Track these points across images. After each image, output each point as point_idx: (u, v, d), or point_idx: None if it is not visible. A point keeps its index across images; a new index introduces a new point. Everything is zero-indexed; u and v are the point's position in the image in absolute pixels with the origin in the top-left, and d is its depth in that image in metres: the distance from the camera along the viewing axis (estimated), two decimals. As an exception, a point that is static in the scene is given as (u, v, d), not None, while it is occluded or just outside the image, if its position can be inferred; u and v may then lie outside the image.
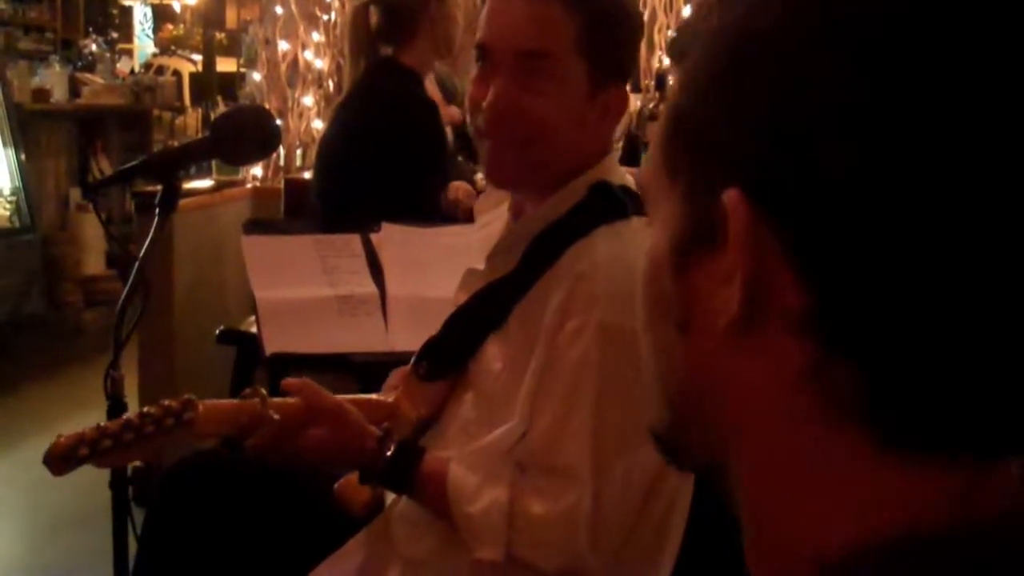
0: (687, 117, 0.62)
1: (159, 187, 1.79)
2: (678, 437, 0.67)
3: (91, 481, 1.77)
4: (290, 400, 1.55)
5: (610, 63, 1.60)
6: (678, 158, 0.62)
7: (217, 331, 3.23)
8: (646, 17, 4.61)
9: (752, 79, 0.57)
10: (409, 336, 1.80)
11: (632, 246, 1.50)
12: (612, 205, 1.57)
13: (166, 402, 1.46)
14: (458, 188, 3.44)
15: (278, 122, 4.67)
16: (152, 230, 1.80)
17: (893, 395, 0.55)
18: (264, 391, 1.53)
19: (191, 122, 8.04)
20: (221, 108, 6.09)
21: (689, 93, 0.62)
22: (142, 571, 1.80)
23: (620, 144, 4.22)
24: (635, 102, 4.59)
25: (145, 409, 1.46)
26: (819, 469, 0.57)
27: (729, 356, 0.59)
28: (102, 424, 1.43)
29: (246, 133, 1.83)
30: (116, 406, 1.76)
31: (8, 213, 5.86)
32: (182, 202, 3.36)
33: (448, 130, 3.60)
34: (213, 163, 4.43)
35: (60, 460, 1.40)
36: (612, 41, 1.59)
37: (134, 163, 1.86)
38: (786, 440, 0.58)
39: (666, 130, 0.64)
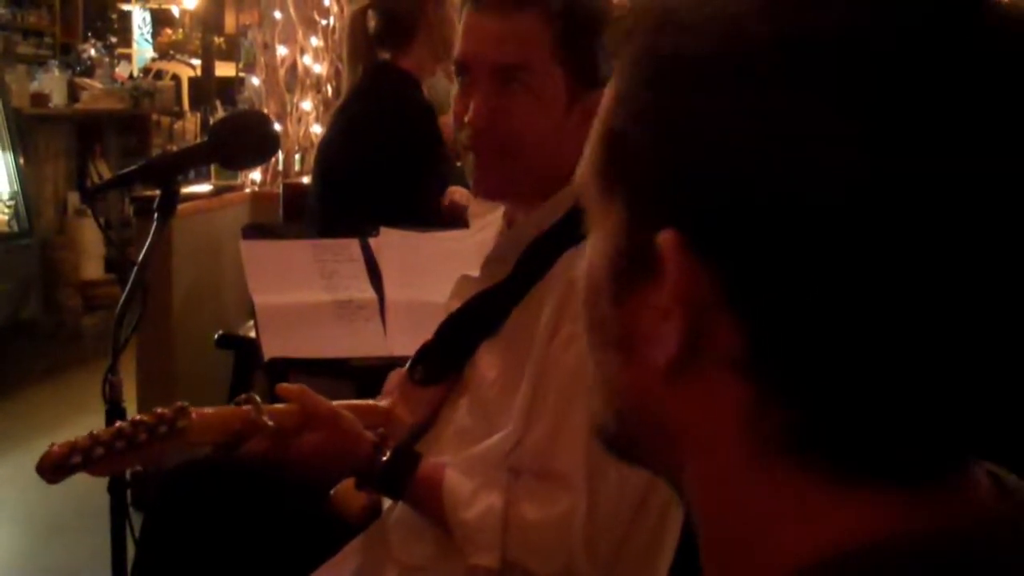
0: (622, 140, 0.61)
1: (158, 192, 1.80)
2: (624, 442, 0.67)
3: (89, 484, 1.76)
4: (285, 406, 1.55)
5: (588, 70, 1.59)
6: (613, 179, 0.62)
7: (216, 336, 3.24)
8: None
9: (688, 114, 0.57)
10: (408, 341, 1.80)
11: None
12: None
13: (159, 410, 1.45)
14: (456, 192, 3.44)
15: (277, 127, 4.69)
16: (151, 234, 1.80)
17: (825, 434, 0.55)
18: (258, 398, 1.53)
19: (190, 127, 8.05)
20: (220, 113, 6.09)
21: (624, 113, 0.61)
22: (140, 574, 1.80)
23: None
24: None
25: (138, 417, 1.46)
26: (763, 505, 0.57)
27: (669, 391, 0.59)
28: (95, 432, 1.43)
29: (245, 138, 1.83)
30: (114, 411, 1.76)
31: (6, 217, 5.86)
32: (181, 207, 3.36)
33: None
34: (212, 168, 4.43)
35: (53, 469, 1.40)
36: (589, 48, 1.59)
37: (132, 168, 1.86)
38: (729, 475, 0.59)
39: (601, 145, 0.63)
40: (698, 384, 0.58)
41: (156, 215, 1.78)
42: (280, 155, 4.66)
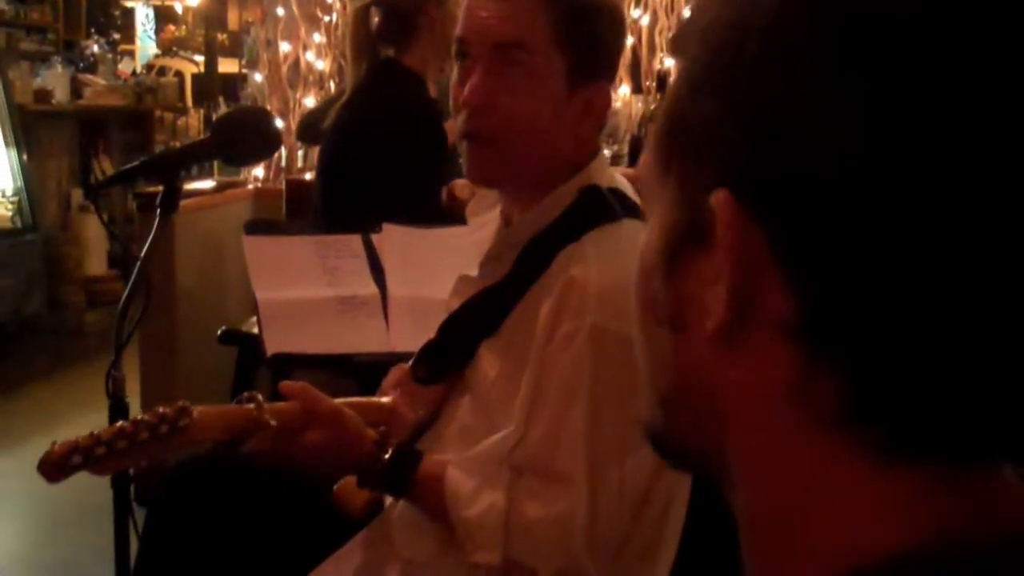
0: (681, 114, 0.61)
1: (160, 188, 1.80)
2: (671, 437, 0.66)
3: (93, 480, 1.76)
4: (287, 404, 1.55)
5: (590, 59, 1.59)
6: (671, 155, 0.62)
7: (219, 332, 3.24)
8: (647, 20, 4.62)
9: (744, 78, 0.56)
10: (410, 337, 1.80)
11: (623, 249, 1.49)
12: (602, 208, 1.57)
13: (161, 409, 1.46)
14: (457, 186, 3.43)
15: (279, 123, 4.70)
16: (153, 230, 1.81)
17: (879, 407, 0.54)
18: (260, 396, 1.53)
19: (193, 123, 8.06)
20: (223, 109, 6.09)
21: (684, 90, 0.61)
22: (143, 569, 1.80)
23: (625, 147, 4.23)
24: (637, 104, 4.60)
25: (139, 416, 1.46)
26: (812, 479, 0.57)
27: (718, 360, 0.59)
28: (96, 432, 1.43)
29: (247, 134, 1.84)
30: (117, 406, 1.77)
31: (10, 213, 5.86)
32: (184, 203, 3.36)
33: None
34: (215, 164, 4.44)
35: (54, 468, 1.41)
36: (591, 36, 1.59)
37: (135, 164, 1.86)
38: (777, 447, 0.58)
39: (662, 126, 0.63)
40: (748, 351, 0.57)
41: (158, 211, 1.79)
42: (283, 151, 4.67)
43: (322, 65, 4.81)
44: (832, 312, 0.54)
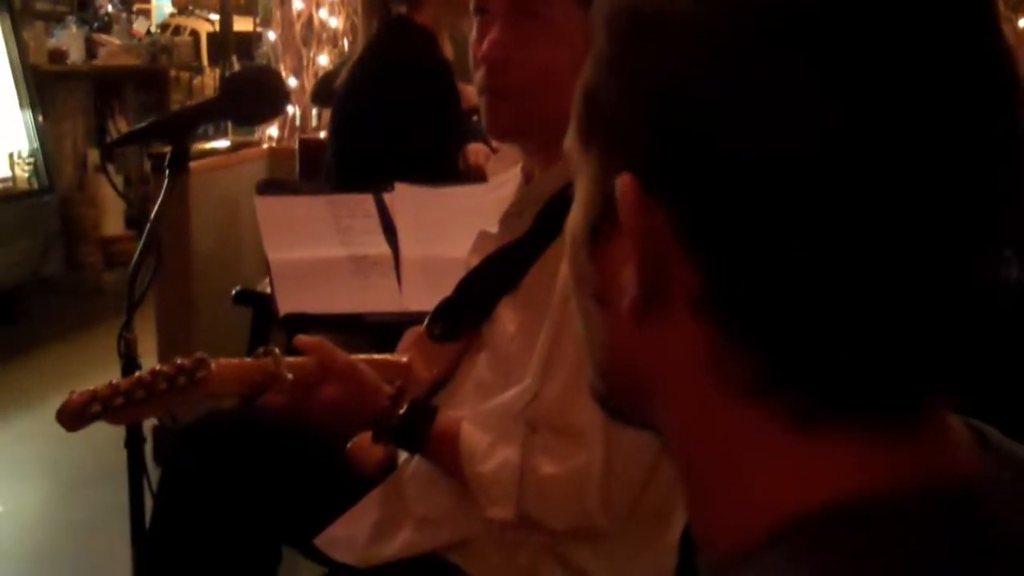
0: (594, 92, 0.63)
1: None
2: (613, 404, 0.69)
3: (110, 439, 1.79)
4: (303, 359, 1.56)
5: None
6: (589, 133, 0.63)
7: (233, 292, 3.25)
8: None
9: (644, 59, 0.58)
10: (423, 296, 1.80)
11: None
12: None
13: (179, 360, 1.47)
14: (476, 152, 3.43)
15: (293, 81, 4.68)
16: (162, 192, 1.81)
17: (790, 375, 0.56)
18: (277, 350, 1.54)
19: (209, 82, 8.02)
20: (237, 69, 6.07)
21: (594, 69, 0.63)
22: (158, 527, 1.82)
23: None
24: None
25: (158, 367, 1.47)
26: (734, 446, 0.58)
27: (638, 336, 0.61)
28: (115, 382, 1.45)
29: (255, 93, 1.83)
30: (129, 367, 1.77)
31: (26, 175, 5.87)
32: (199, 163, 3.37)
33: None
34: (229, 123, 4.43)
35: (73, 416, 1.42)
36: None
37: (143, 125, 1.87)
38: (698, 418, 0.60)
39: (579, 100, 0.65)
40: (663, 328, 0.59)
41: (167, 172, 1.79)
42: (297, 110, 4.66)
43: (336, 23, 4.79)
44: (736, 287, 0.55)
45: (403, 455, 1.68)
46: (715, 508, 0.60)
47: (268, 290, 2.56)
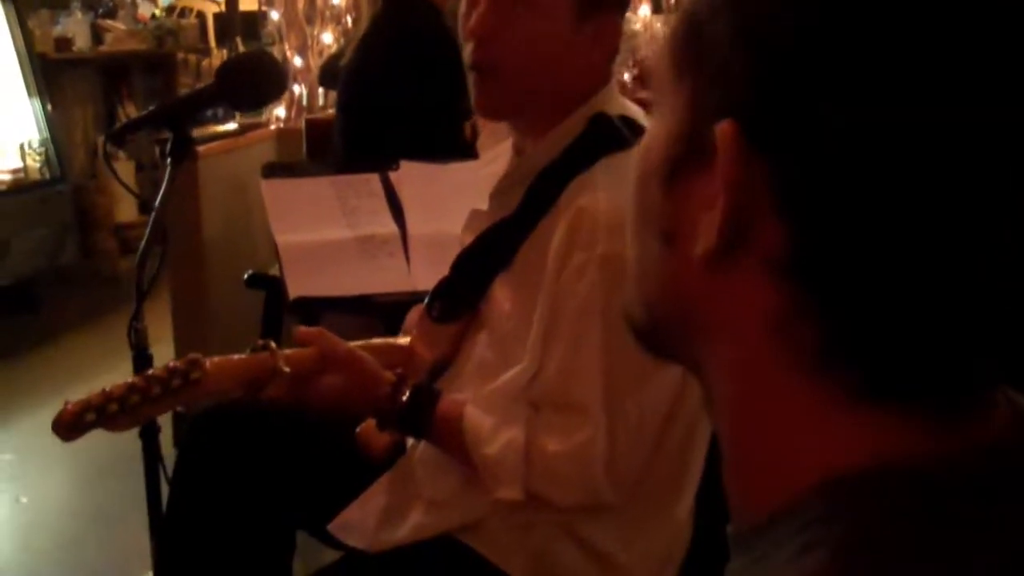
0: (698, 24, 0.61)
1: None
2: (654, 339, 0.68)
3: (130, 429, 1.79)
4: (303, 350, 1.55)
5: None
6: (687, 63, 0.61)
7: (245, 276, 3.25)
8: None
9: (766, 5, 0.56)
10: (432, 274, 1.79)
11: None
12: (611, 136, 1.54)
13: (172, 363, 1.46)
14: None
15: (298, 60, 4.66)
16: (165, 180, 1.80)
17: (851, 349, 0.55)
18: (274, 344, 1.53)
19: (217, 64, 8.00)
20: (242, 50, 6.06)
21: (709, 3, 0.61)
22: (173, 515, 1.82)
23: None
24: (657, 25, 4.53)
25: (150, 371, 1.47)
26: (786, 408, 0.58)
27: (704, 282, 0.59)
28: (107, 389, 1.44)
29: (251, 79, 1.82)
30: (140, 357, 1.78)
31: (38, 164, 5.87)
32: (207, 146, 3.36)
33: None
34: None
35: (67, 427, 1.42)
36: None
37: (142, 114, 1.86)
38: (753, 375, 0.59)
39: (680, 28, 0.63)
40: (734, 281, 0.58)
41: (169, 160, 1.78)
42: (303, 90, 4.64)
43: (338, 0, 4.76)
44: (823, 254, 0.54)
45: (411, 440, 1.68)
46: (755, 468, 0.60)
47: (279, 273, 2.56)
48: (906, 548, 0.52)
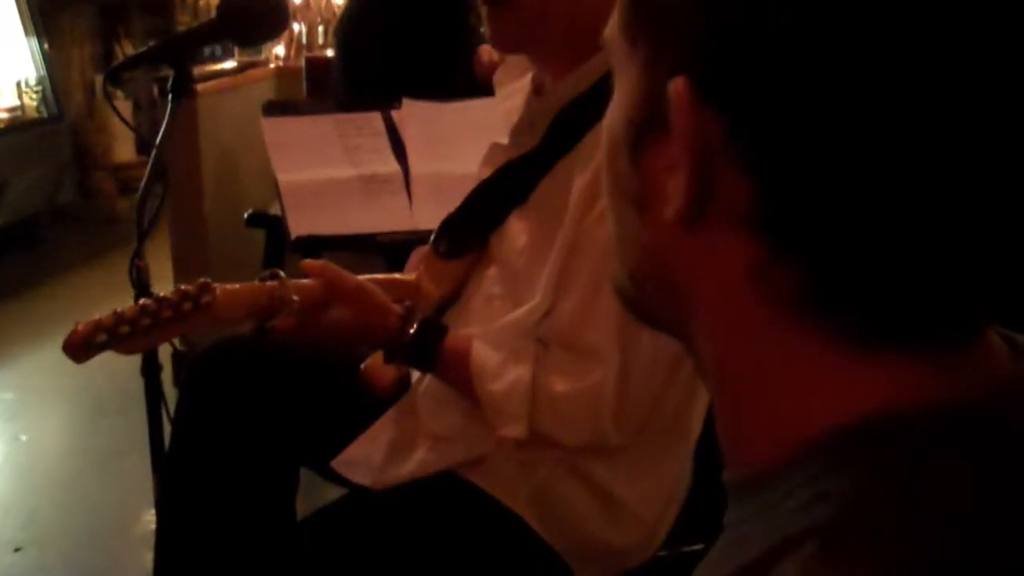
0: None
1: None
2: (641, 306, 0.67)
3: (129, 367, 1.79)
4: (311, 281, 1.55)
5: None
6: (638, 27, 0.60)
7: (246, 215, 3.23)
8: None
9: None
10: (434, 214, 1.78)
11: None
12: None
13: (183, 287, 1.45)
14: (489, 51, 3.35)
15: (297, -1, 4.61)
16: (166, 117, 1.78)
17: (836, 295, 0.54)
18: (283, 274, 1.53)
19: (215, 3, 7.92)
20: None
21: None
22: (176, 453, 1.82)
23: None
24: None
25: (162, 294, 1.46)
26: (774, 360, 0.57)
27: (680, 246, 0.59)
28: (119, 310, 1.44)
29: (253, 13, 1.80)
30: (143, 295, 1.77)
31: (35, 103, 5.84)
32: (206, 85, 3.33)
33: None
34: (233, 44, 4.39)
35: (78, 348, 1.41)
36: None
37: (142, 50, 1.84)
38: (739, 331, 0.58)
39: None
40: (708, 240, 0.57)
41: (169, 97, 1.77)
42: (303, 28, 4.60)
43: (338, -63, 4.71)
44: (790, 202, 0.53)
45: (416, 375, 1.67)
46: (749, 421, 0.59)
47: (280, 212, 2.54)
48: (917, 494, 0.51)
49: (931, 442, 0.53)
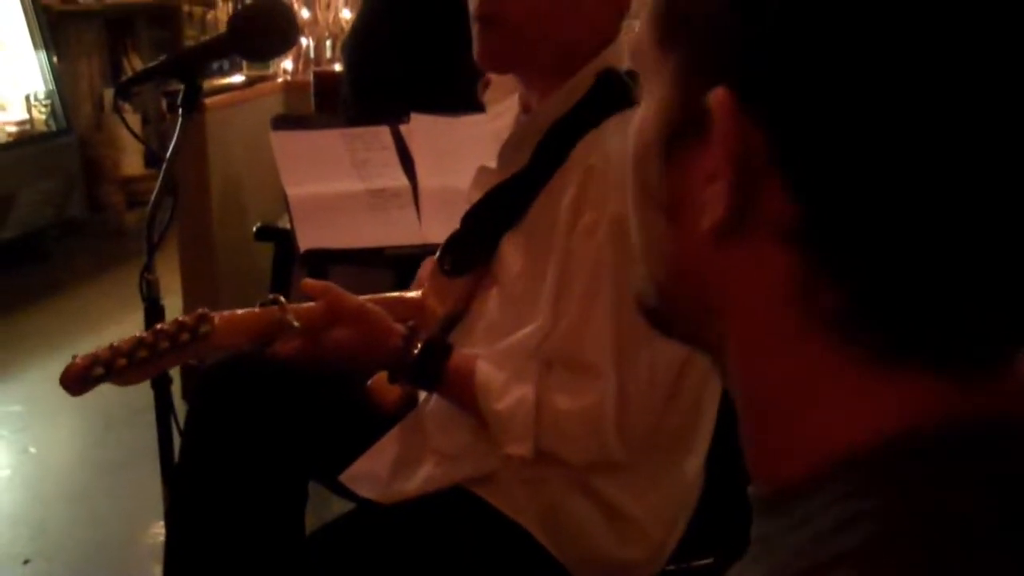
0: None
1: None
2: (666, 317, 0.67)
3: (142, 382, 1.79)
4: (312, 304, 1.55)
5: None
6: (672, 33, 0.60)
7: (254, 228, 3.24)
8: None
9: None
10: (442, 227, 1.79)
11: None
12: (620, 93, 1.53)
13: (180, 318, 1.46)
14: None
15: (305, 13, 4.63)
16: (176, 131, 1.79)
17: (874, 313, 0.54)
18: (283, 298, 1.53)
19: (222, 16, 7.92)
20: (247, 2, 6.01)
21: None
22: (185, 466, 1.83)
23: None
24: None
25: (159, 326, 1.47)
26: (809, 377, 0.56)
27: (714, 257, 0.58)
28: (115, 343, 1.44)
29: (263, 29, 1.81)
30: (153, 308, 1.77)
31: (44, 116, 5.86)
32: (214, 99, 3.34)
33: None
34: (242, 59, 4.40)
35: (76, 381, 1.42)
36: None
37: (153, 64, 1.85)
38: (774, 346, 0.58)
39: (662, 3, 0.61)
40: (745, 253, 0.56)
41: (180, 111, 1.77)
42: (311, 42, 4.61)
43: (346, -48, 4.73)
44: (834, 218, 0.53)
45: (423, 394, 1.68)
46: (777, 435, 0.59)
47: (289, 226, 2.55)
48: (947, 519, 0.51)
49: (959, 464, 0.52)
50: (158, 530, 2.70)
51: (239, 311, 1.51)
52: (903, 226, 0.51)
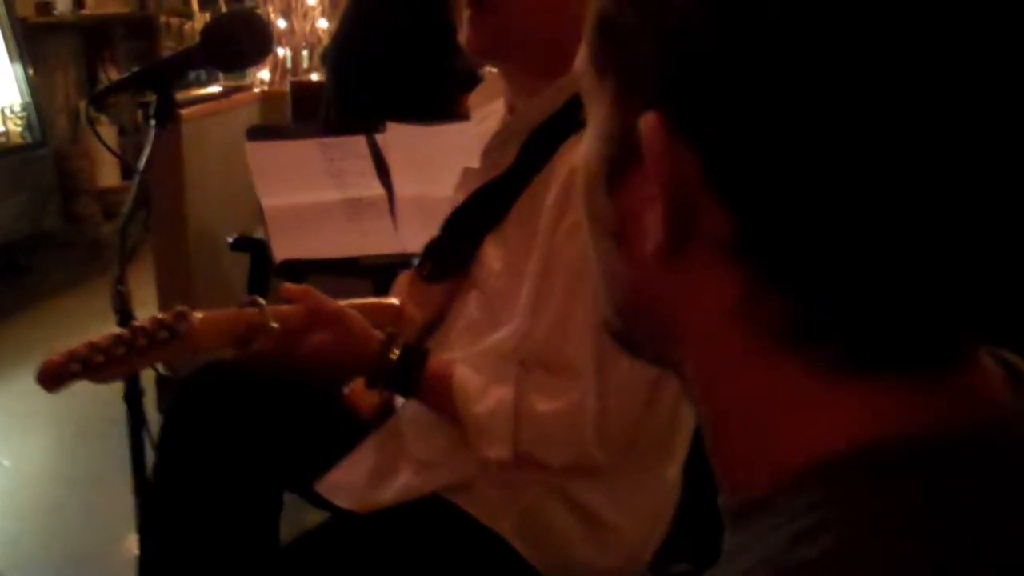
0: (609, 18, 0.59)
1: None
2: (631, 342, 0.67)
3: (112, 392, 1.78)
4: (291, 307, 1.54)
5: None
6: (605, 58, 0.60)
7: (230, 239, 3.23)
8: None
9: None
10: (419, 236, 1.79)
11: None
12: None
13: (159, 315, 1.45)
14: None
15: (282, 23, 4.62)
16: (150, 142, 1.78)
17: (820, 324, 0.54)
18: (262, 300, 1.52)
19: (199, 27, 7.92)
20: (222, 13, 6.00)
21: None
22: (159, 477, 1.82)
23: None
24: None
25: (137, 323, 1.45)
26: (764, 391, 0.56)
27: (664, 280, 0.58)
28: (93, 340, 1.43)
29: (237, 39, 1.80)
30: (125, 320, 1.76)
31: (19, 129, 5.83)
32: (190, 109, 3.33)
33: None
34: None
35: (51, 377, 1.40)
36: None
37: (126, 76, 1.84)
38: (727, 363, 0.58)
39: (594, 24, 0.61)
40: (690, 272, 0.57)
41: (152, 123, 1.77)
42: (288, 53, 4.61)
43: (323, -38, 4.73)
44: (770, 232, 0.53)
45: (401, 399, 1.67)
46: (739, 452, 0.59)
47: (265, 236, 2.54)
48: (908, 528, 0.51)
49: (920, 472, 0.52)
50: (132, 543, 2.67)
51: (218, 311, 1.50)
52: (837, 235, 0.51)
